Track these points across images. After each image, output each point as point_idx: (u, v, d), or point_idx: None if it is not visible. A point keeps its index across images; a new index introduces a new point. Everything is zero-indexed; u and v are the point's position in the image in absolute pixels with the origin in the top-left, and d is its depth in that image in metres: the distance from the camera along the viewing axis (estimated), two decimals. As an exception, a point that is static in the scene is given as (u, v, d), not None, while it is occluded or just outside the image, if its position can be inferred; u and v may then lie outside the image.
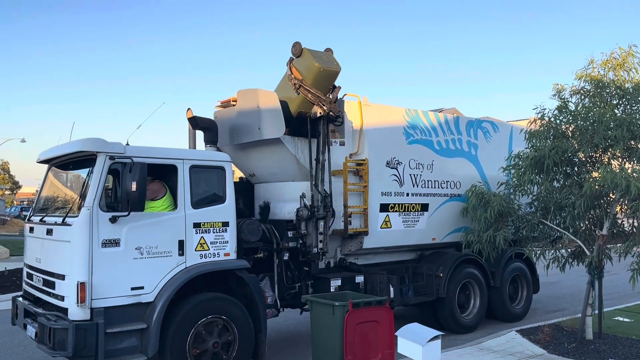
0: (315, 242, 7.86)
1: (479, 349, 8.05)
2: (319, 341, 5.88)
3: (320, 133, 7.89)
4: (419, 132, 9.10)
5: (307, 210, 7.70)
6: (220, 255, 6.72)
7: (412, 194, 8.93)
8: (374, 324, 5.77)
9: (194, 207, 6.56)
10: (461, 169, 9.69)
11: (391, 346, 5.82)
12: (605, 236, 8.05)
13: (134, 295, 6.03)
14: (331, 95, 7.93)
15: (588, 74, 8.37)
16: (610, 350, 7.81)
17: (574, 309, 9.58)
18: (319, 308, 5.93)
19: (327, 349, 5.72)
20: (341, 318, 5.56)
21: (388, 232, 8.65)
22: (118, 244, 5.97)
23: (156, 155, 6.43)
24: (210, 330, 6.47)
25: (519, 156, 8.59)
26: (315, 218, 7.71)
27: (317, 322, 5.94)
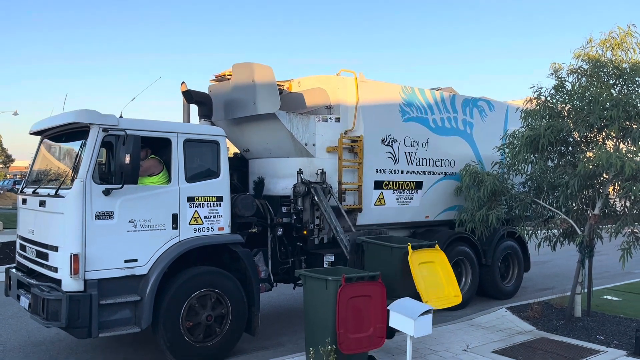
0: (312, 219, 7.88)
1: (470, 325, 8.16)
2: (312, 315, 5.96)
3: None
4: (414, 109, 9.07)
5: (304, 186, 7.69)
6: (214, 230, 6.73)
7: (406, 172, 8.93)
8: (366, 298, 5.82)
9: (188, 181, 6.54)
10: (456, 148, 9.69)
11: (383, 320, 5.89)
12: (597, 216, 8.12)
13: (127, 268, 6.04)
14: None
15: (586, 53, 8.33)
16: (598, 327, 7.94)
17: (564, 287, 9.71)
18: (312, 282, 5.99)
19: (320, 323, 5.80)
20: (334, 292, 5.61)
21: (382, 210, 8.68)
22: (111, 217, 5.95)
23: (150, 128, 6.38)
24: (203, 304, 6.50)
25: (513, 135, 8.60)
26: (312, 194, 7.70)
27: (310, 296, 6.01)
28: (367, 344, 5.83)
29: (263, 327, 7.89)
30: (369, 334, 5.79)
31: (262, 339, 7.61)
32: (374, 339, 5.85)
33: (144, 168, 6.50)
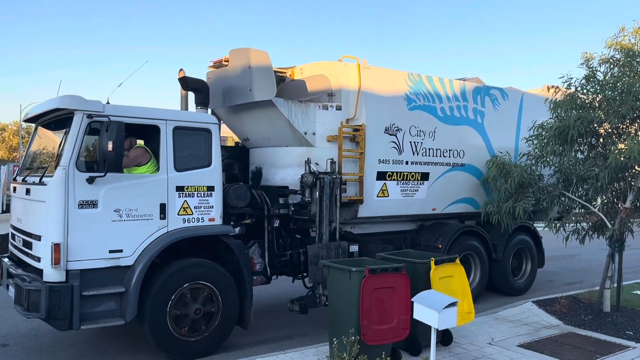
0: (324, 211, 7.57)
1: (495, 318, 8.01)
2: (336, 305, 5.99)
3: None
4: (421, 97, 8.70)
5: (312, 176, 7.39)
6: (205, 220, 6.52)
7: (411, 162, 8.59)
8: (390, 290, 5.80)
9: (177, 170, 6.33)
10: (466, 138, 9.30)
11: (407, 312, 5.85)
12: (629, 209, 8.01)
13: (112, 259, 5.88)
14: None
15: (618, 42, 8.12)
16: (627, 323, 7.70)
17: (592, 281, 9.47)
18: (335, 273, 5.99)
19: (344, 313, 5.78)
20: (358, 284, 5.60)
21: (385, 201, 8.36)
22: (95, 206, 5.78)
23: (137, 115, 6.18)
24: (191, 297, 6.31)
25: (542, 126, 8.39)
26: (319, 185, 7.40)
27: (334, 287, 6.06)
28: (391, 335, 5.84)
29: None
30: (393, 326, 5.82)
31: (287, 327, 7.80)
32: (398, 330, 5.87)
33: (131, 158, 6.33)
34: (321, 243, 7.41)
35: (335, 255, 7.45)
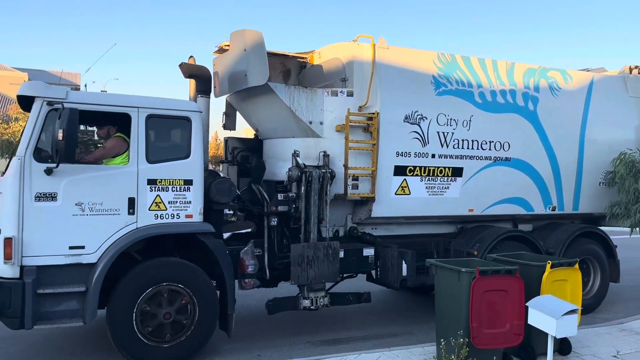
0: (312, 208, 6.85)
1: (620, 330, 7.30)
2: (443, 306, 5.80)
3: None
4: (454, 81, 7.55)
5: (297, 170, 6.67)
6: (181, 217, 5.98)
7: (439, 156, 7.48)
8: (502, 293, 5.54)
9: (150, 162, 5.84)
10: (512, 128, 7.99)
11: (521, 317, 5.58)
12: None
13: (72, 255, 5.51)
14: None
15: None
16: None
17: None
18: (443, 273, 5.78)
19: (452, 314, 5.61)
20: (467, 285, 5.41)
21: (405, 200, 7.35)
22: (55, 198, 5.44)
23: (106, 102, 5.78)
24: (161, 299, 5.81)
25: None
26: (307, 179, 6.67)
27: (441, 286, 5.84)
28: (502, 340, 5.58)
29: (395, 314, 7.77)
30: (505, 330, 5.56)
31: (394, 325, 7.68)
32: (510, 336, 5.59)
33: (107, 148, 5.96)
34: (307, 243, 6.65)
35: (324, 256, 6.67)
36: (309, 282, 6.68)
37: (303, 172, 6.64)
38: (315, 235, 6.78)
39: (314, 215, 6.75)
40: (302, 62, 8.09)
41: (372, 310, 8.50)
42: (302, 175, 6.65)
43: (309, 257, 6.65)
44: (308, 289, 6.77)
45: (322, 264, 6.75)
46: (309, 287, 6.76)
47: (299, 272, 6.60)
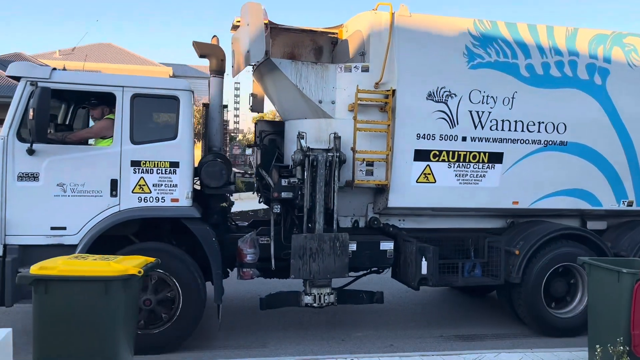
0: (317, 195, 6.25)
1: None
2: (597, 310, 5.32)
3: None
4: (493, 51, 6.49)
5: (301, 153, 6.11)
6: (166, 201, 5.74)
7: (472, 139, 6.50)
8: None
9: (134, 143, 5.67)
10: (570, 106, 6.73)
11: None
12: None
13: (54, 236, 5.50)
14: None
15: None
16: None
17: None
18: (599, 273, 5.28)
19: (608, 319, 5.13)
20: (629, 288, 4.90)
21: (429, 189, 6.48)
22: (37, 179, 5.46)
23: (91, 82, 5.69)
24: (145, 286, 5.62)
25: None
26: (311, 164, 6.08)
27: (596, 288, 5.37)
28: None
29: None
30: None
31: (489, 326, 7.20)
32: None
33: (94, 129, 5.90)
34: (310, 234, 6.03)
35: (330, 249, 6.02)
36: (311, 276, 6.09)
37: (307, 156, 6.05)
38: (320, 226, 6.16)
39: (319, 203, 6.14)
40: (333, 37, 7.48)
41: (449, 309, 8.00)
42: (305, 159, 6.06)
43: (312, 249, 6.06)
44: (310, 285, 6.21)
45: (327, 257, 6.12)
46: (312, 282, 6.20)
47: (299, 265, 6.05)
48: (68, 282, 3.87)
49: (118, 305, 3.93)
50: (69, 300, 3.84)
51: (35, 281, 3.84)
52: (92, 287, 3.87)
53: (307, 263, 6.04)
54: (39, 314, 3.86)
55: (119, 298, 3.92)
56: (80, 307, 3.85)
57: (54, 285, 3.85)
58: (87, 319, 3.86)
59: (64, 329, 3.84)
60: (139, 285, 4.24)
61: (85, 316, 3.86)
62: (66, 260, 4.05)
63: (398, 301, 7.97)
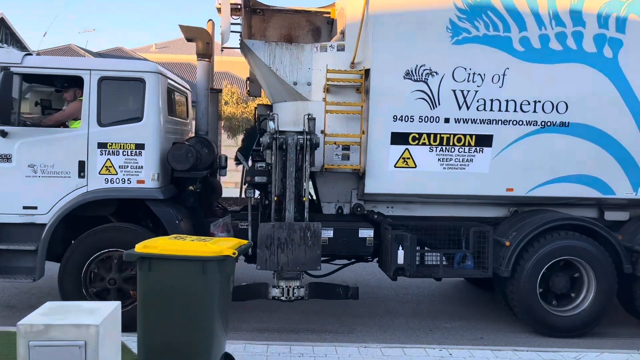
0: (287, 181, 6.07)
1: None
2: None
3: None
4: (481, 24, 5.97)
5: (269, 136, 5.90)
6: (132, 182, 5.80)
7: (456, 120, 6.03)
8: None
9: (101, 125, 5.77)
10: (573, 83, 6.07)
11: None
12: None
13: (26, 215, 5.73)
14: None
15: None
16: None
17: None
18: None
19: None
20: None
21: (409, 174, 6.09)
22: (9, 160, 5.69)
23: (60, 66, 5.85)
24: (112, 265, 5.74)
25: None
26: (279, 147, 5.88)
27: None
28: None
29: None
30: None
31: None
32: None
33: (66, 111, 6.06)
34: (279, 222, 5.80)
35: (300, 239, 5.75)
36: (279, 268, 5.80)
37: (274, 139, 5.83)
38: (291, 214, 5.88)
39: (289, 189, 5.87)
40: (327, 17, 7.24)
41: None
42: (273, 142, 5.84)
43: (280, 239, 5.76)
44: (278, 277, 5.97)
45: (298, 248, 5.81)
46: (279, 274, 5.96)
47: (266, 256, 5.79)
48: (169, 260, 3.98)
49: (214, 284, 4.01)
50: (169, 278, 3.96)
51: (140, 259, 3.97)
52: (190, 266, 3.95)
53: (274, 254, 5.78)
54: (143, 289, 4.01)
55: (215, 278, 4.00)
56: (179, 285, 3.95)
57: (156, 263, 3.97)
58: (185, 297, 3.95)
59: (165, 305, 3.95)
60: (233, 266, 4.30)
61: (183, 294, 3.96)
62: (167, 240, 4.18)
63: (491, 294, 7.58)
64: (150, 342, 3.99)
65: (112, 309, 3.38)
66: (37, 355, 3.03)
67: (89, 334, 3.07)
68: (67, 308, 3.41)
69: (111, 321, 3.32)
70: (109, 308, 3.38)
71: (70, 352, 3.04)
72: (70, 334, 3.06)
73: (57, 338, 3.05)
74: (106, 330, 3.19)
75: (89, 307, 3.41)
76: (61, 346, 3.04)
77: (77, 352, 3.04)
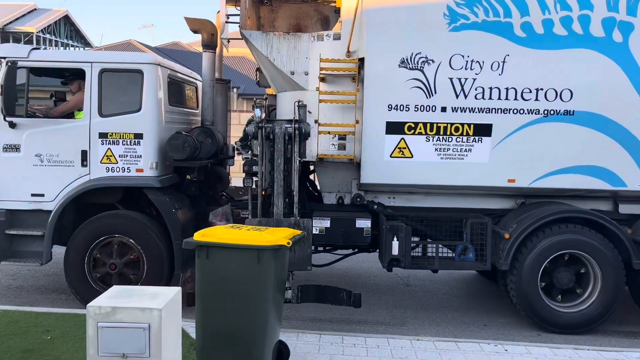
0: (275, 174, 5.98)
1: None
2: None
3: None
4: (480, 10, 5.79)
5: (254, 125, 5.76)
6: (132, 171, 6.00)
7: (453, 109, 5.88)
8: None
9: (102, 116, 5.98)
10: (578, 69, 5.81)
11: None
12: None
13: (34, 202, 6.03)
14: None
15: None
16: None
17: None
18: None
19: None
20: None
21: (405, 164, 6.00)
22: (18, 150, 5.99)
23: (64, 59, 6.09)
24: (112, 250, 5.96)
25: None
26: (264, 137, 5.73)
27: None
28: None
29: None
30: None
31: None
32: None
33: (70, 102, 6.30)
34: (266, 219, 5.61)
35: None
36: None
37: (260, 128, 5.77)
38: (280, 210, 5.68)
39: (277, 183, 5.69)
40: (334, 6, 7.20)
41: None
42: (259, 132, 5.76)
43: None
44: None
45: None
46: None
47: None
48: (225, 249, 4.06)
49: (269, 273, 4.07)
50: (225, 266, 4.05)
51: (198, 247, 4.07)
52: (246, 255, 4.03)
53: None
54: (201, 276, 4.11)
55: (269, 267, 4.06)
56: (235, 273, 4.04)
57: (213, 252, 4.06)
58: (240, 285, 4.04)
59: (222, 293, 4.06)
60: (287, 256, 4.40)
61: (239, 282, 4.04)
62: (224, 229, 4.31)
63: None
64: (207, 327, 4.09)
65: (173, 294, 3.47)
66: (105, 335, 3.19)
67: (152, 317, 3.19)
68: (132, 292, 3.54)
69: (172, 306, 3.42)
70: (170, 293, 3.48)
71: (135, 334, 3.18)
72: (135, 316, 3.20)
73: (123, 320, 3.19)
74: (168, 314, 3.30)
75: (152, 292, 3.53)
76: (127, 328, 3.19)
77: (142, 334, 3.18)
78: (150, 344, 3.18)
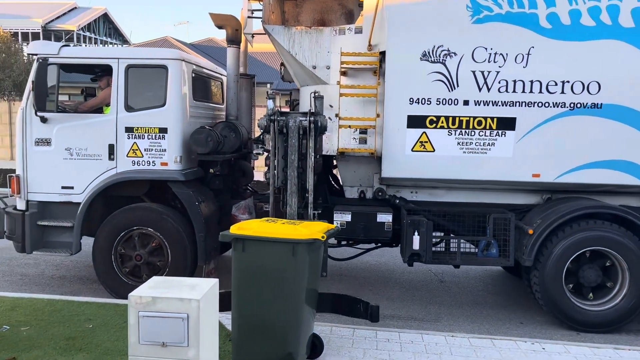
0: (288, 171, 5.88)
1: None
2: None
3: None
4: (505, 2, 5.68)
5: (266, 119, 5.64)
6: (156, 164, 6.14)
7: (476, 102, 5.80)
8: None
9: (128, 110, 6.13)
10: (607, 61, 5.65)
11: None
12: None
13: (64, 194, 6.23)
14: None
15: None
16: None
17: None
18: None
19: None
20: None
21: (427, 158, 5.96)
22: (49, 144, 6.20)
23: (89, 55, 6.28)
24: (135, 242, 6.12)
25: None
26: (277, 131, 5.61)
27: None
28: None
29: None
30: None
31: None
32: None
33: (99, 97, 6.47)
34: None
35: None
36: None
37: (272, 121, 5.62)
38: (294, 210, 5.56)
39: (291, 180, 5.55)
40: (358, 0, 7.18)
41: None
42: (271, 125, 5.61)
43: None
44: None
45: None
46: None
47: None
48: (261, 242, 4.12)
49: (303, 266, 4.11)
50: (261, 259, 4.12)
51: (235, 240, 4.15)
52: (281, 248, 4.09)
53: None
54: (237, 269, 4.18)
55: (304, 260, 4.10)
56: (271, 266, 4.10)
57: (249, 244, 4.13)
58: (276, 277, 4.10)
59: (257, 285, 4.13)
60: (321, 250, 4.43)
61: (274, 274, 4.10)
62: (260, 223, 4.39)
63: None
64: (243, 319, 4.17)
65: (210, 286, 3.53)
66: (145, 324, 3.26)
67: (191, 308, 3.24)
68: (171, 283, 3.59)
69: (210, 297, 3.48)
70: (208, 284, 3.53)
71: (174, 323, 3.24)
72: (175, 306, 3.25)
73: (163, 310, 3.25)
74: (206, 304, 3.35)
75: (190, 283, 3.57)
76: (167, 317, 3.24)
77: (181, 323, 3.24)
78: (188, 333, 3.24)
